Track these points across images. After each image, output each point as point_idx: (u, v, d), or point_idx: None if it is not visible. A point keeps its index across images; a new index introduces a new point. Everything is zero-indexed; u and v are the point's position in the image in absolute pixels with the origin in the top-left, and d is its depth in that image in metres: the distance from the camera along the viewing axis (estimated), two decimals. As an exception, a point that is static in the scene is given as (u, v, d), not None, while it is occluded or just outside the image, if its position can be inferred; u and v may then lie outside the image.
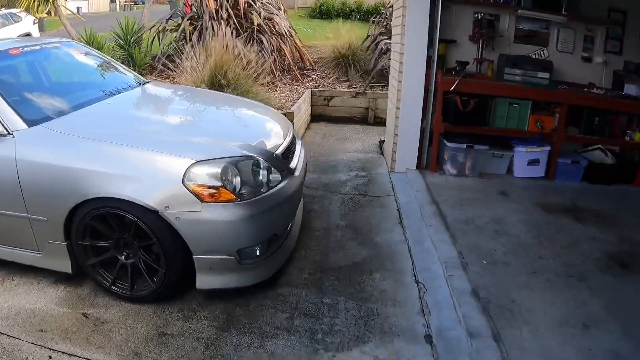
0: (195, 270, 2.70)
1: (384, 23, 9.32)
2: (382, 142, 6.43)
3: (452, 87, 4.86)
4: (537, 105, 5.26)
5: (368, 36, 9.54)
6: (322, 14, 15.81)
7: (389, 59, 6.57)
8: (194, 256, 2.65)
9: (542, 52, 5.60)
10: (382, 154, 6.13)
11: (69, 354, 2.47)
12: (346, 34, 9.08)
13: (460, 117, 5.05)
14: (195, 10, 8.67)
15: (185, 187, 2.52)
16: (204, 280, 2.72)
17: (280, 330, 2.64)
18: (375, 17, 10.42)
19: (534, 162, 5.38)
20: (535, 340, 2.72)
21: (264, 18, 8.63)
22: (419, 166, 5.27)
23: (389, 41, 7.52)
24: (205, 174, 2.57)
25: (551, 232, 4.09)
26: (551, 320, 2.90)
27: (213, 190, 2.55)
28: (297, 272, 3.23)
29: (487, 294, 3.06)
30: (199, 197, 2.52)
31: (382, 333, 2.68)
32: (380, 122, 7.36)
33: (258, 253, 2.77)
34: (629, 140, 5.58)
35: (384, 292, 3.08)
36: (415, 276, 3.31)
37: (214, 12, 8.13)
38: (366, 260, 3.46)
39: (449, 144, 5.11)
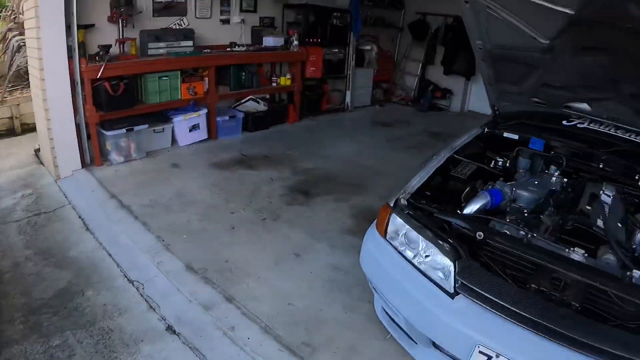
0: None
1: (13, 17, 7.77)
2: (37, 150, 5.50)
3: (99, 74, 4.53)
4: (187, 73, 5.41)
5: (-5, 35, 7.85)
6: None
7: (26, 56, 5.54)
8: None
9: (182, 22, 5.71)
10: (42, 163, 5.26)
11: None
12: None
13: (114, 102, 4.76)
14: None
15: None
16: None
17: (27, 400, 2.25)
18: (1, 11, 8.55)
19: (194, 127, 5.60)
20: (263, 286, 2.94)
21: None
22: (84, 165, 4.77)
23: (22, 37, 6.32)
24: None
25: (232, 187, 4.38)
26: (267, 263, 3.18)
27: None
28: (9, 326, 2.71)
29: (201, 265, 3.12)
30: None
31: (125, 346, 2.49)
32: (31, 128, 6.31)
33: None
34: (275, 86, 6.42)
35: (105, 306, 2.81)
36: (126, 277, 3.09)
37: None
38: (72, 281, 3.06)
39: (108, 133, 4.80)
